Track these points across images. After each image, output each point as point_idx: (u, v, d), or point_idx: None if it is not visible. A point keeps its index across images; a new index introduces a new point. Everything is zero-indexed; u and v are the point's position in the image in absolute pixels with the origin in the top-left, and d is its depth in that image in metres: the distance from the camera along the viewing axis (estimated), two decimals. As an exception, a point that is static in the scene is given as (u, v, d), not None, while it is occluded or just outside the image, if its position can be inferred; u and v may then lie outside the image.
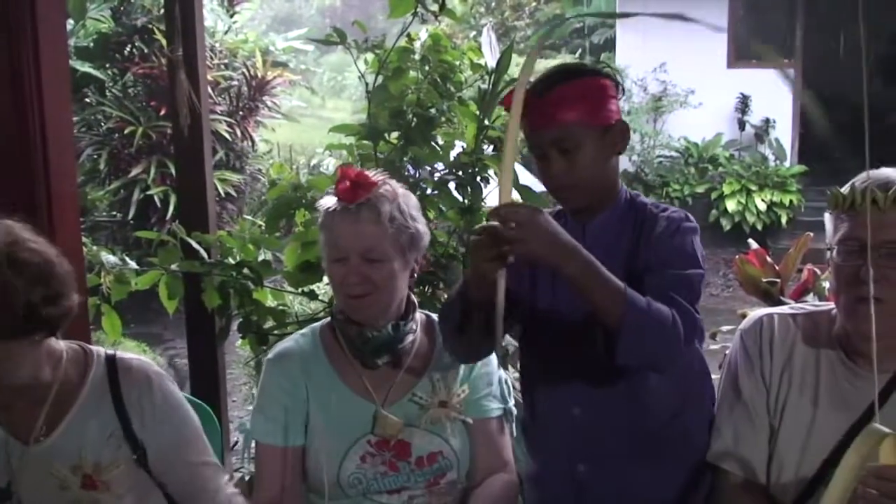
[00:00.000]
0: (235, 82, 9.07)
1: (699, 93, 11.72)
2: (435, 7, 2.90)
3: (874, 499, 1.44)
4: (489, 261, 1.68)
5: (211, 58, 8.49)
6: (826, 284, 3.17)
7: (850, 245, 1.77)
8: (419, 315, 2.16)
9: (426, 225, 2.13)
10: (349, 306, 2.05)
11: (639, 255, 1.91)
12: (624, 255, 1.93)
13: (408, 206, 2.04)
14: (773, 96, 12.00)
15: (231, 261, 3.02)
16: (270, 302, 3.10)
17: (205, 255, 2.97)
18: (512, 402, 2.18)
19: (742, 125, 12.06)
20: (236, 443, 3.73)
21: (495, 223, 1.67)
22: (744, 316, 2.07)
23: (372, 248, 1.99)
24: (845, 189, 1.81)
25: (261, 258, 3.03)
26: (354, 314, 2.05)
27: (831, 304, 1.94)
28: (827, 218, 1.87)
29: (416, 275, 2.13)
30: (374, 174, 2.05)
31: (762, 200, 11.14)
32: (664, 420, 1.98)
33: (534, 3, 17.47)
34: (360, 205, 1.99)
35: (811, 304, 2.06)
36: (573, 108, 1.87)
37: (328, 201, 2.05)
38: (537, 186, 2.20)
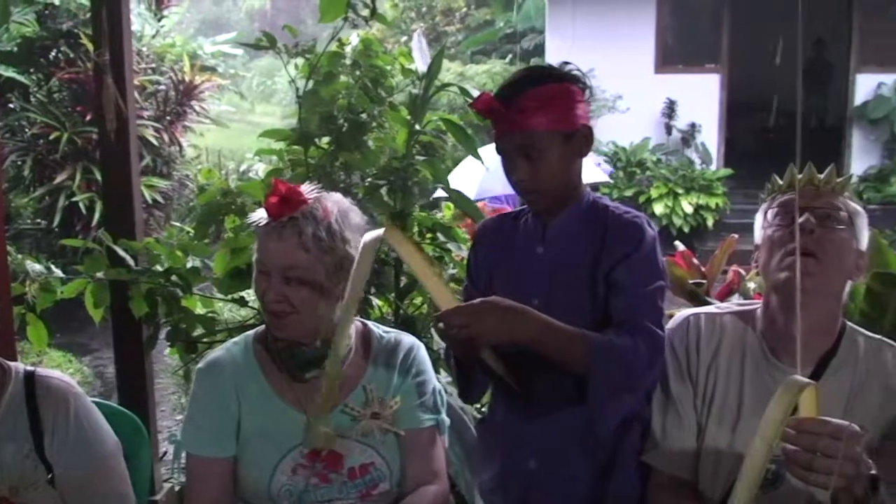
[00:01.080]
0: (163, 87, 8.94)
1: (627, 98, 11.89)
2: (366, 12, 2.89)
3: (795, 452, 1.46)
4: (465, 350, 1.82)
5: (138, 62, 8.35)
6: (751, 285, 3.25)
7: (785, 209, 1.86)
8: (354, 325, 2.12)
9: None
10: (269, 322, 2.02)
11: (602, 261, 1.93)
12: (586, 257, 1.95)
13: (341, 227, 1.96)
14: (699, 101, 12.22)
15: (159, 268, 2.97)
16: (200, 309, 3.05)
17: (132, 262, 2.92)
18: (445, 413, 2.16)
19: (669, 130, 12.26)
20: (165, 453, 3.68)
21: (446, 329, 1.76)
22: (671, 316, 2.10)
23: (291, 267, 1.93)
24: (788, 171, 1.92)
25: (189, 265, 2.99)
26: (275, 331, 2.01)
27: (757, 303, 1.99)
28: (760, 211, 1.94)
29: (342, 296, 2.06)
30: (310, 189, 1.99)
31: (689, 203, 11.32)
32: (617, 421, 2.00)
33: (464, 9, 17.55)
34: (285, 222, 1.93)
35: (736, 303, 2.10)
36: (539, 115, 1.88)
37: (259, 213, 1.99)
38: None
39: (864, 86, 12.20)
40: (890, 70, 12.11)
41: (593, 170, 8.90)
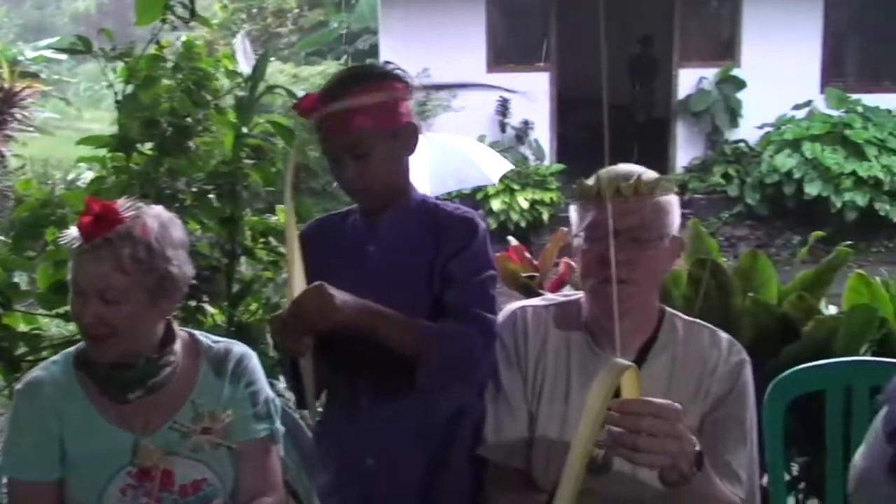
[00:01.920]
0: (-22, 95, 8.51)
1: (461, 97, 12.04)
2: (185, 13, 2.83)
3: (619, 434, 1.48)
4: (295, 347, 1.83)
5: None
6: (582, 276, 3.34)
7: (595, 231, 1.87)
8: (181, 337, 2.05)
9: (186, 263, 2.00)
10: (88, 346, 1.95)
11: (437, 256, 1.96)
12: (420, 253, 1.97)
13: (162, 245, 1.90)
14: (531, 98, 12.47)
15: (-24, 285, 2.82)
16: (23, 326, 2.92)
17: (-52, 279, 2.77)
18: (279, 421, 2.12)
19: (503, 127, 12.48)
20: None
21: (287, 319, 1.80)
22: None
23: (107, 289, 1.86)
24: (591, 180, 1.91)
25: (14, 280, 2.84)
26: (93, 355, 1.94)
27: (580, 293, 2.04)
28: (573, 209, 1.97)
29: (166, 317, 2.02)
30: (128, 205, 1.91)
31: (525, 199, 11.55)
32: (451, 415, 2.02)
33: (296, 10, 17.39)
34: (100, 243, 1.84)
35: (561, 294, 2.16)
36: (364, 114, 1.89)
37: (72, 232, 1.90)
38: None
39: (687, 80, 12.72)
40: (710, 65, 12.67)
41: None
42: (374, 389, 2.00)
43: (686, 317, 2.03)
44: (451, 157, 7.69)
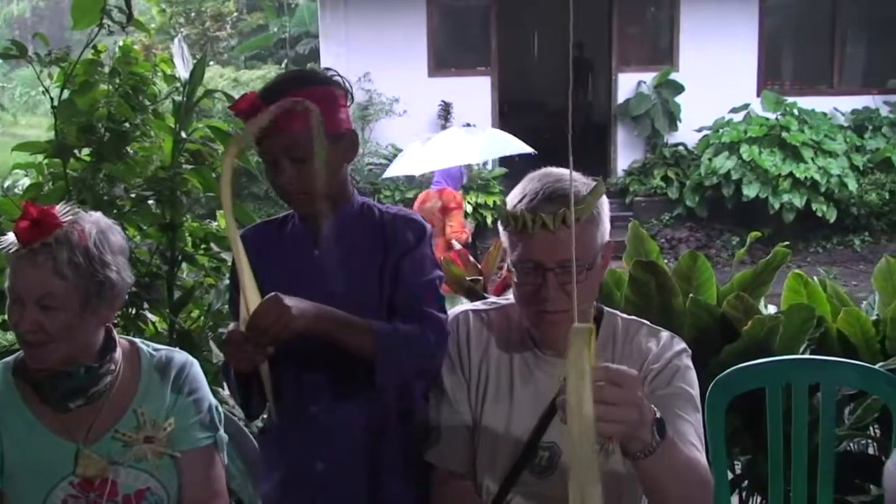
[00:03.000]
0: None
1: (403, 101, 12.04)
2: (122, 18, 2.78)
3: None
4: (255, 359, 1.81)
5: None
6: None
7: (526, 266, 1.84)
8: (122, 345, 2.03)
9: (126, 269, 1.97)
10: (26, 354, 1.91)
11: (386, 258, 1.97)
12: (368, 256, 1.98)
13: (100, 251, 1.87)
14: (473, 103, 12.51)
15: None
16: (-43, 337, 2.86)
17: None
18: (222, 430, 2.10)
19: (445, 131, 12.48)
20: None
21: (246, 334, 1.79)
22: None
23: (47, 295, 1.83)
24: (515, 206, 1.85)
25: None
26: (31, 363, 1.91)
27: None
28: (502, 233, 1.92)
29: (108, 324, 2.00)
30: (65, 210, 1.88)
31: (468, 203, 11.56)
32: (400, 420, 2.02)
33: (235, 14, 17.26)
34: (38, 248, 1.82)
35: (504, 298, 2.16)
36: (304, 116, 1.86)
37: (8, 238, 1.87)
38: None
39: (626, 85, 12.85)
40: (648, 69, 12.81)
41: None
42: (324, 395, 1.99)
43: (624, 315, 2.04)
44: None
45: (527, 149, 8.76)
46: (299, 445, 2.02)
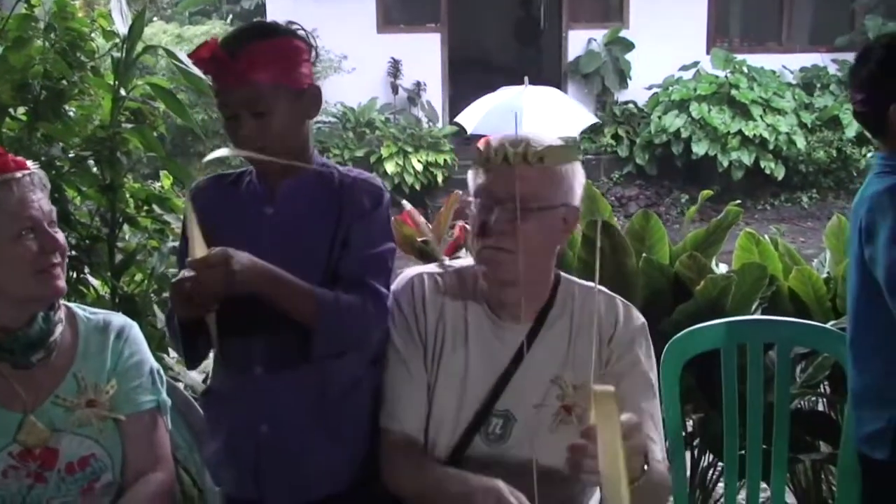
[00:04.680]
0: None
1: (352, 58, 11.86)
2: (57, -31, 2.67)
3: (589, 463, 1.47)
4: (198, 309, 1.78)
5: None
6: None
7: (483, 198, 1.86)
8: (60, 309, 1.97)
9: None
10: (42, 282, 1.85)
11: (340, 221, 1.93)
12: (322, 218, 1.94)
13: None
14: (423, 60, 12.40)
15: None
16: None
17: None
18: (165, 393, 2.05)
19: (395, 89, 12.36)
20: None
21: (190, 276, 1.73)
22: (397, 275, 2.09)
23: (52, 213, 1.88)
24: (484, 144, 1.87)
25: None
26: (50, 290, 1.87)
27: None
28: (470, 172, 1.94)
29: None
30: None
31: (418, 161, 11.50)
32: (346, 385, 1.98)
33: (179, -32, 16.89)
34: (20, 176, 1.83)
35: (459, 261, 2.13)
36: (266, 68, 1.82)
37: None
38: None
39: (576, 42, 12.81)
40: (598, 26, 12.79)
41: (583, 114, 9.46)
42: (269, 357, 1.95)
43: (582, 282, 2.01)
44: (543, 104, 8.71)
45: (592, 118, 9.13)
46: (247, 407, 1.98)
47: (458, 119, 9.32)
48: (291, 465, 1.97)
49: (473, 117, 8.86)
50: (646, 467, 1.63)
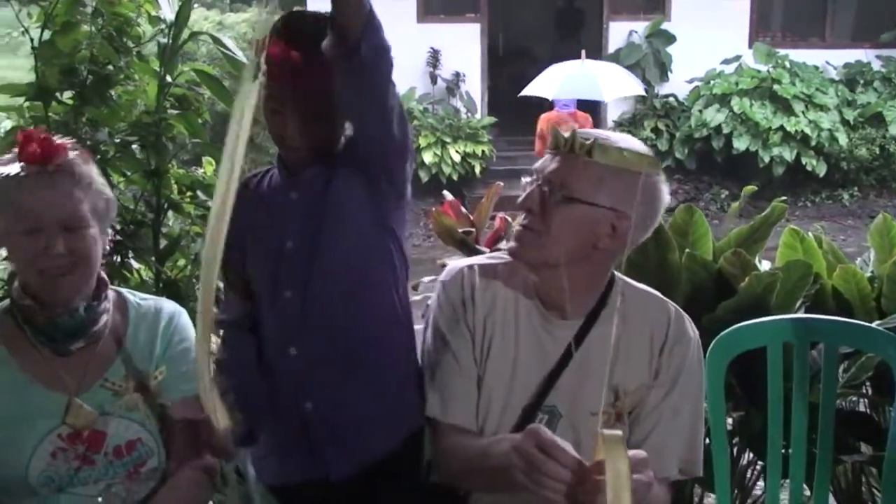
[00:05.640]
0: None
1: (391, 48, 11.85)
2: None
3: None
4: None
5: None
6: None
7: (532, 175, 1.86)
8: (111, 292, 1.98)
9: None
10: (47, 285, 1.84)
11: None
12: (342, 189, 1.97)
13: (98, 171, 1.89)
14: (462, 50, 12.37)
15: None
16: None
17: None
18: None
19: (434, 79, 12.35)
20: None
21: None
22: (444, 266, 2.08)
23: (72, 214, 1.79)
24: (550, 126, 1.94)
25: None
26: (53, 294, 1.85)
27: None
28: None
29: (107, 248, 1.96)
30: (55, 138, 1.84)
31: (456, 152, 11.49)
32: (373, 346, 2.03)
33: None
34: (52, 170, 1.78)
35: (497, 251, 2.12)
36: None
37: (9, 168, 1.80)
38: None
39: (617, 34, 12.72)
40: (640, 18, 12.69)
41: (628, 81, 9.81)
42: (302, 336, 2.00)
43: (636, 284, 1.99)
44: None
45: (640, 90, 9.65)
46: (290, 382, 2.03)
47: (528, 91, 9.46)
48: (343, 434, 2.01)
49: (550, 85, 9.05)
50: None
